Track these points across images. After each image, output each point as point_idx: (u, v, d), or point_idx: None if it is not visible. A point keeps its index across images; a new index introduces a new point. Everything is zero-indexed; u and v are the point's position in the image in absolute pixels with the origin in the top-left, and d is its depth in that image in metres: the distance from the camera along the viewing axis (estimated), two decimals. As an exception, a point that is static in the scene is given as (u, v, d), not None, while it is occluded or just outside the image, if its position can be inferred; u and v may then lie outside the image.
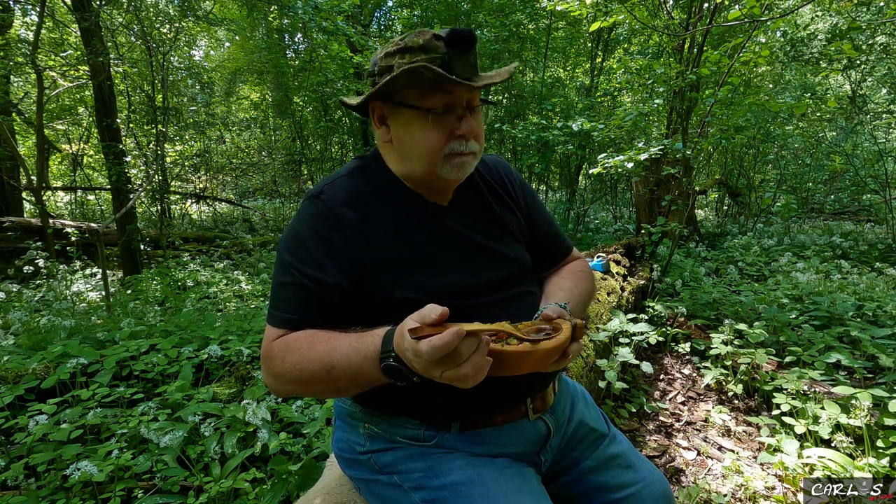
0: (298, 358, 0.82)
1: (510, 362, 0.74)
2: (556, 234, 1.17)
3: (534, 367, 0.76)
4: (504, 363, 0.73)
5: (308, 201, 0.94)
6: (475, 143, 0.93)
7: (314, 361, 0.80)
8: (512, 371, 0.75)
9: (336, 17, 5.93)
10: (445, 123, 0.89)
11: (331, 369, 0.78)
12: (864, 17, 6.22)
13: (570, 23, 8.35)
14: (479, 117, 0.95)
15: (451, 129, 0.90)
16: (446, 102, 0.88)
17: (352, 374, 0.78)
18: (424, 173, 0.94)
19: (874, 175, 7.84)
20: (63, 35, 7.47)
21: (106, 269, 4.68)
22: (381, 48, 0.93)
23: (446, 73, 0.84)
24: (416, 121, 0.89)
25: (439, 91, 0.87)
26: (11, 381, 2.04)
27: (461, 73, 0.86)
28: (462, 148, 0.91)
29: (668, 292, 4.11)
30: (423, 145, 0.90)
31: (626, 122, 4.46)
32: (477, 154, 0.95)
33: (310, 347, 0.82)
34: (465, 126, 0.90)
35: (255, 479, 1.64)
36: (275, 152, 14.26)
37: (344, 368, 0.78)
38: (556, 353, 0.76)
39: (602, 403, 2.37)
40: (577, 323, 0.81)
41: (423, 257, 0.93)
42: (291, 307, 0.88)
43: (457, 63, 0.86)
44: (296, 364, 0.82)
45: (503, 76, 0.91)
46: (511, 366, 0.74)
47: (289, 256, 0.89)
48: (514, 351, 0.73)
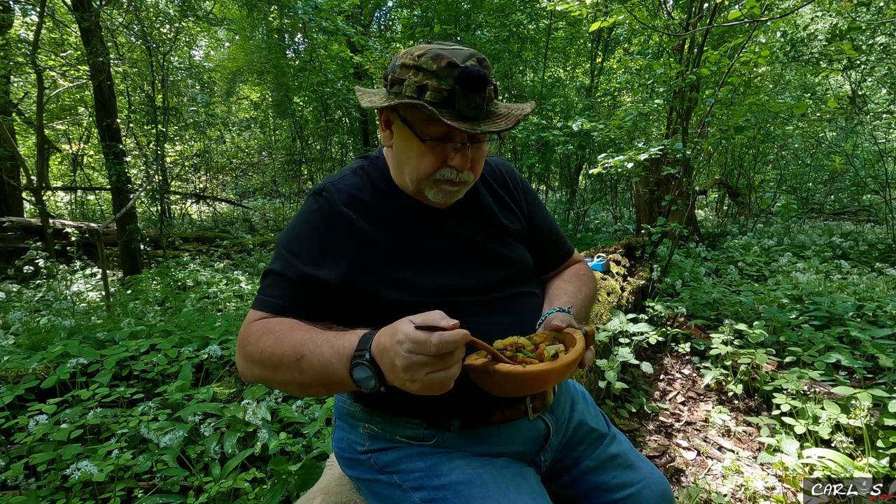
0: (273, 341, 0.80)
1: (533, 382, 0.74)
2: (558, 237, 1.18)
3: (555, 382, 0.77)
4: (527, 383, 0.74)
5: (311, 198, 0.95)
6: (469, 174, 0.93)
7: (287, 347, 0.78)
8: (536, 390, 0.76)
9: (336, 17, 5.93)
10: (441, 151, 0.89)
11: (301, 358, 0.76)
12: (864, 18, 6.22)
13: (570, 23, 8.35)
14: (482, 147, 0.94)
15: (444, 158, 0.90)
16: (444, 134, 0.87)
17: (320, 367, 0.75)
18: (413, 191, 0.96)
19: (874, 175, 7.84)
20: (63, 35, 7.47)
21: (106, 269, 4.68)
22: (401, 54, 0.91)
23: (445, 107, 0.83)
24: (413, 141, 0.89)
25: (439, 123, 0.85)
26: (11, 381, 2.04)
27: (465, 111, 0.84)
28: (452, 176, 0.91)
29: (668, 292, 4.11)
30: (415, 167, 0.91)
31: (626, 122, 4.46)
32: (469, 183, 0.95)
33: (288, 333, 0.80)
34: (459, 160, 0.89)
35: (255, 479, 1.64)
36: (275, 152, 14.27)
37: (313, 361, 0.75)
38: (575, 365, 0.77)
39: (602, 403, 2.37)
40: (589, 330, 0.81)
41: (421, 259, 0.93)
42: (278, 293, 0.88)
43: (461, 101, 0.83)
44: (268, 346, 0.80)
45: (510, 123, 0.86)
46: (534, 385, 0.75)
47: (285, 249, 0.91)
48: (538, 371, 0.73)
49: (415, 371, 0.66)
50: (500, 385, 0.76)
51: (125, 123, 7.22)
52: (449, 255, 0.96)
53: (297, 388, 0.81)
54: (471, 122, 0.84)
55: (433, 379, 0.66)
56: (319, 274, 0.87)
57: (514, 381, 0.73)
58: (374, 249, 0.91)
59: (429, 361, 0.65)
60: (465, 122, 0.83)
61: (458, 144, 0.88)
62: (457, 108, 0.83)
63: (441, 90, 0.83)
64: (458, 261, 0.96)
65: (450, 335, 0.64)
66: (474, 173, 0.94)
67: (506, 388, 0.77)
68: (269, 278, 0.91)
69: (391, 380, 0.69)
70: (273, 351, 0.79)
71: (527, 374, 0.71)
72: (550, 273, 1.16)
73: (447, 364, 0.66)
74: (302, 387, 0.80)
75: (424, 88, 0.83)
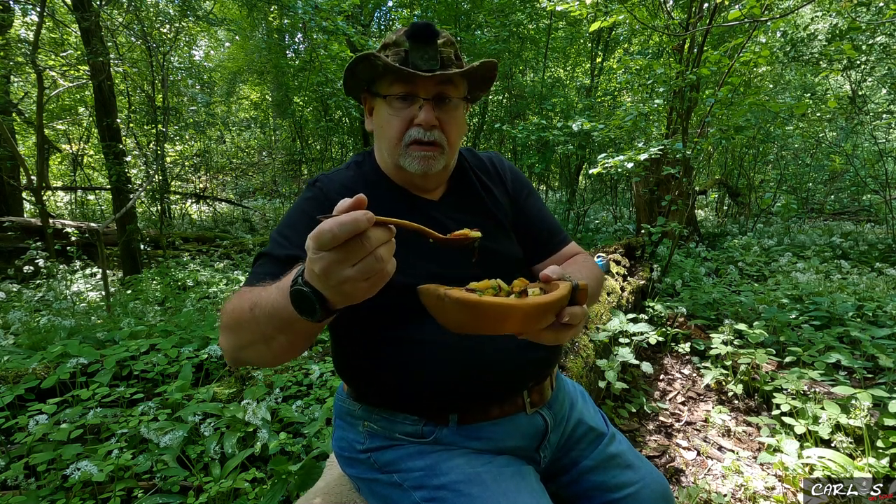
0: (236, 300, 0.79)
1: (489, 316, 0.61)
2: (550, 224, 1.14)
3: (520, 326, 0.63)
4: (482, 317, 0.61)
5: (306, 188, 1.00)
6: (439, 133, 0.93)
7: (245, 302, 0.75)
8: (492, 328, 0.62)
9: (336, 17, 5.93)
10: (406, 112, 0.92)
11: (253, 307, 0.72)
12: (864, 18, 6.21)
13: (570, 23, 8.35)
14: (453, 111, 0.95)
15: (411, 118, 0.92)
16: (406, 91, 0.91)
17: (270, 309, 0.69)
18: (392, 164, 0.98)
19: (874, 175, 7.84)
20: (63, 35, 7.47)
21: (106, 268, 4.68)
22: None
23: (402, 65, 0.88)
24: (383, 109, 0.94)
25: (401, 81, 0.90)
26: (11, 381, 2.04)
27: (419, 63, 0.89)
28: (420, 135, 0.92)
29: (668, 292, 4.11)
30: (386, 133, 0.94)
31: (626, 122, 4.46)
32: (443, 148, 0.94)
33: (250, 291, 0.77)
34: (423, 115, 0.91)
35: (255, 479, 1.64)
36: (275, 152, 14.27)
37: (264, 305, 0.71)
38: (549, 312, 0.64)
39: (602, 403, 2.37)
40: (580, 283, 0.67)
41: (408, 245, 0.92)
42: (264, 271, 0.87)
43: (415, 54, 0.89)
44: (231, 306, 0.79)
45: (463, 69, 0.91)
46: (490, 321, 0.61)
47: (276, 233, 0.93)
48: (494, 303, 0.60)
49: (334, 272, 0.56)
50: (451, 315, 0.63)
51: (125, 123, 7.23)
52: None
53: (263, 345, 0.74)
54: (427, 73, 0.89)
55: (359, 273, 0.56)
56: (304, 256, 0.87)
57: (466, 310, 0.61)
58: None
59: (341, 256, 0.55)
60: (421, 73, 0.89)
61: (422, 101, 0.91)
62: (411, 61, 0.89)
63: (399, 52, 0.90)
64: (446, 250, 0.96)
65: (344, 217, 0.53)
66: (447, 137, 0.95)
67: (457, 321, 0.64)
68: (259, 260, 0.92)
69: (328, 296, 0.60)
70: (234, 308, 0.77)
71: (481, 304, 0.60)
72: (543, 262, 1.11)
73: (359, 254, 0.55)
74: (265, 340, 0.73)
75: (388, 57, 0.90)
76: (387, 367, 0.92)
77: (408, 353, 0.91)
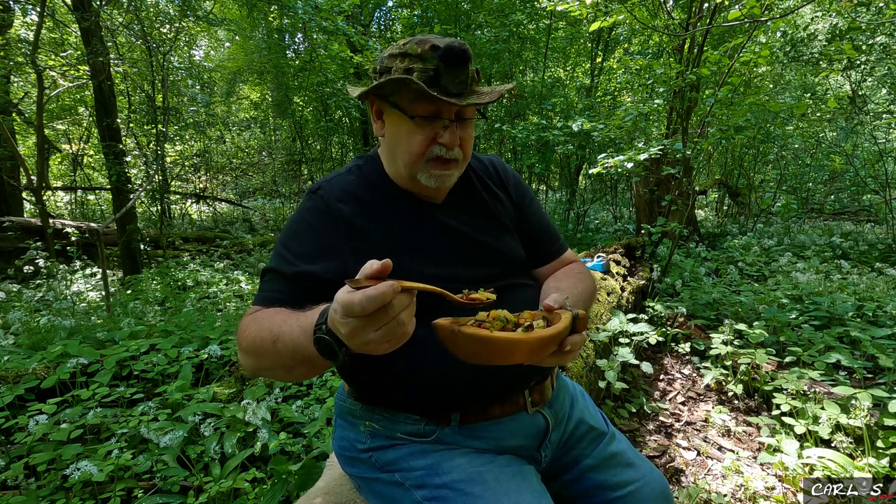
0: (256, 328, 0.82)
1: (498, 349, 0.67)
2: (549, 231, 1.17)
3: (527, 357, 0.70)
4: (492, 350, 0.67)
5: (307, 196, 0.99)
6: (459, 152, 0.95)
7: (265, 331, 0.79)
8: (501, 360, 0.69)
9: (336, 17, 5.92)
10: (430, 129, 0.91)
11: (276, 340, 0.77)
12: (864, 18, 6.21)
13: (570, 23, 8.35)
14: (469, 128, 0.96)
15: (434, 136, 0.92)
16: (432, 112, 0.90)
17: (292, 346, 0.75)
18: (406, 177, 0.97)
19: (874, 175, 7.84)
20: (63, 35, 7.47)
21: (106, 268, 4.68)
22: (389, 47, 0.95)
23: (431, 86, 0.86)
24: (404, 123, 0.92)
25: (427, 100, 0.88)
26: (11, 381, 2.04)
27: (450, 87, 0.88)
28: (442, 153, 0.92)
29: (668, 292, 4.11)
30: (406, 148, 0.93)
31: (626, 122, 4.46)
32: (460, 163, 0.96)
33: (269, 319, 0.82)
34: (448, 136, 0.91)
35: (255, 479, 1.64)
36: (275, 152, 14.27)
37: (286, 341, 0.76)
38: (552, 343, 0.71)
39: (602, 403, 2.37)
40: (580, 313, 0.75)
41: (412, 248, 0.95)
42: (274, 288, 0.90)
43: (446, 77, 0.87)
44: (252, 333, 0.82)
45: (493, 97, 0.91)
46: (500, 353, 0.68)
47: (282, 246, 0.94)
48: (503, 338, 0.67)
49: (359, 335, 0.62)
50: (465, 347, 0.70)
51: (125, 123, 7.23)
52: (441, 245, 0.98)
53: (284, 371, 0.81)
54: (456, 97, 0.88)
55: (382, 337, 0.62)
56: (314, 269, 0.89)
57: (478, 344, 0.68)
58: (368, 241, 0.93)
59: (366, 323, 0.60)
60: (452, 98, 0.87)
61: (447, 122, 0.91)
62: (442, 84, 0.87)
63: (427, 70, 0.87)
64: (450, 251, 0.98)
65: (372, 291, 0.58)
66: (464, 152, 0.96)
67: (470, 352, 0.70)
68: (267, 276, 0.93)
69: (352, 347, 0.66)
70: (255, 336, 0.81)
71: (492, 339, 0.67)
72: (541, 268, 1.15)
73: (383, 321, 0.61)
74: (286, 369, 0.80)
75: (411, 71, 0.87)
76: (388, 367, 0.92)
77: (409, 352, 0.91)
